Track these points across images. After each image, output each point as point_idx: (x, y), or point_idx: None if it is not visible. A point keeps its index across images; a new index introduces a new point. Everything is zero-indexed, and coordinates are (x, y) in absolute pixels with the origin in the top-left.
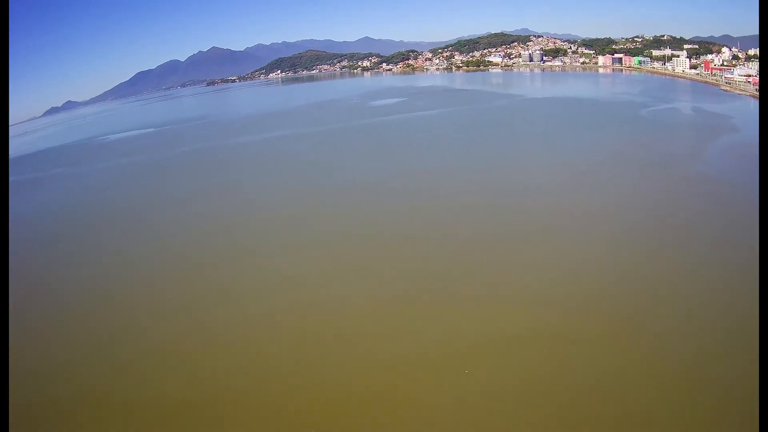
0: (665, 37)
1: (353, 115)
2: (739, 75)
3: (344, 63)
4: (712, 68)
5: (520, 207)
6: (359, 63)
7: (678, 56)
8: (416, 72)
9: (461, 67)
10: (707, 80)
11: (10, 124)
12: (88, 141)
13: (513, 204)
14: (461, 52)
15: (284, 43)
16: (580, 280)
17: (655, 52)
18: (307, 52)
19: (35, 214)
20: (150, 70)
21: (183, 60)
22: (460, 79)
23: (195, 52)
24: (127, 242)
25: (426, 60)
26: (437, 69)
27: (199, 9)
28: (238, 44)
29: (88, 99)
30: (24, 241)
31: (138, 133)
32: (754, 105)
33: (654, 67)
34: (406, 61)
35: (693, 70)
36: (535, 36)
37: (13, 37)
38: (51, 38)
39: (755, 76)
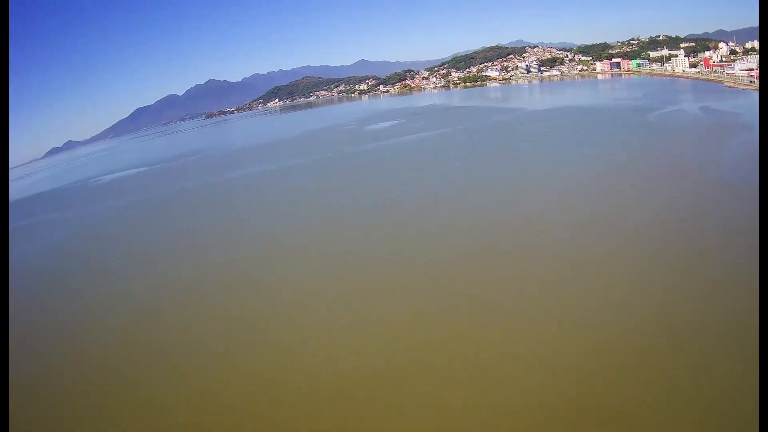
0: (661, 38)
1: (349, 142)
2: (741, 70)
3: (341, 87)
4: (712, 65)
5: (531, 234)
6: (356, 87)
7: (676, 56)
8: (414, 92)
9: (458, 83)
10: (709, 78)
11: (13, 166)
12: (83, 182)
13: (522, 229)
14: (458, 69)
15: (280, 71)
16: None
17: (653, 54)
18: (303, 79)
19: (25, 262)
20: (149, 106)
21: (181, 94)
22: (458, 96)
23: (192, 86)
24: (120, 282)
25: (423, 79)
26: (435, 87)
27: (195, 43)
28: (234, 75)
29: (88, 138)
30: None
31: (133, 173)
32: None
33: (653, 69)
34: (403, 82)
35: (693, 69)
36: (530, 47)
37: (12, 80)
38: (50, 79)
39: (756, 69)
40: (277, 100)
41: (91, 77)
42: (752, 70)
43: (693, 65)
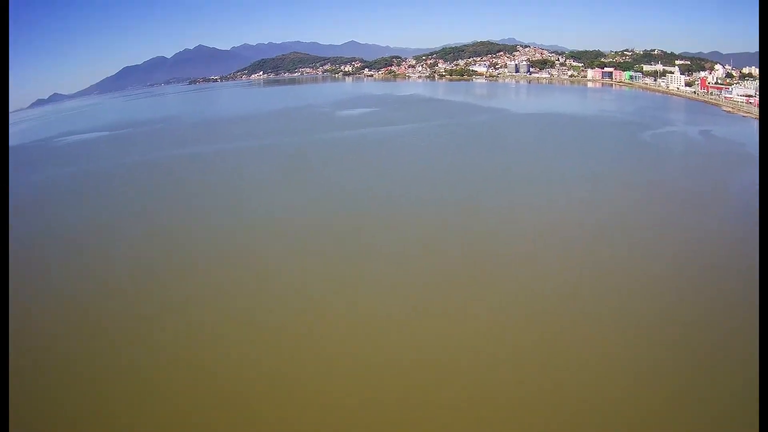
0: (656, 52)
1: (317, 127)
2: (738, 95)
3: (327, 67)
4: (709, 86)
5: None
6: (341, 67)
7: (672, 72)
8: (398, 79)
9: (444, 75)
10: (706, 100)
11: None
12: (46, 141)
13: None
14: (445, 60)
15: (270, 43)
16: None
17: (646, 67)
18: (290, 54)
19: None
20: (136, 66)
21: (169, 57)
22: (441, 89)
23: (181, 50)
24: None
25: (409, 67)
26: (419, 77)
27: (187, 6)
28: (224, 43)
29: (74, 92)
30: None
31: (97, 136)
32: None
33: (646, 83)
34: (389, 68)
35: (688, 88)
36: (522, 46)
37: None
38: (39, 29)
39: (755, 96)
40: (261, 72)
41: (81, 31)
42: (751, 96)
43: (688, 84)
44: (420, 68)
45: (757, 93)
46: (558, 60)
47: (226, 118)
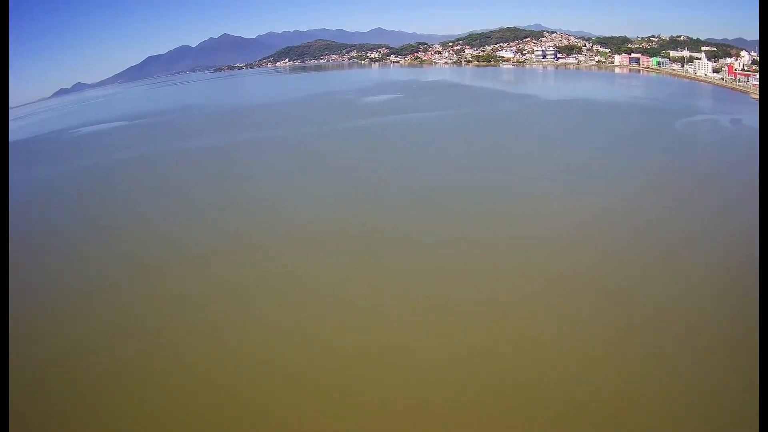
0: (682, 38)
1: (338, 115)
2: None
3: (353, 53)
4: (736, 73)
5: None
6: (367, 54)
7: (699, 58)
8: (424, 65)
9: (471, 61)
10: (734, 86)
11: (19, 104)
12: (62, 133)
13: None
14: (472, 46)
15: (296, 31)
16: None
17: (673, 53)
18: (316, 41)
19: None
20: (160, 55)
21: (194, 46)
22: (468, 75)
23: (206, 39)
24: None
25: (435, 53)
26: (446, 63)
27: None
28: (249, 32)
29: (97, 81)
30: None
31: (112, 126)
32: None
33: (673, 69)
34: (415, 54)
35: (715, 74)
36: (548, 32)
37: (25, 17)
38: (63, 19)
39: None
40: (287, 59)
41: (105, 20)
42: None
43: (715, 70)
44: (446, 54)
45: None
46: (585, 46)
47: (247, 106)
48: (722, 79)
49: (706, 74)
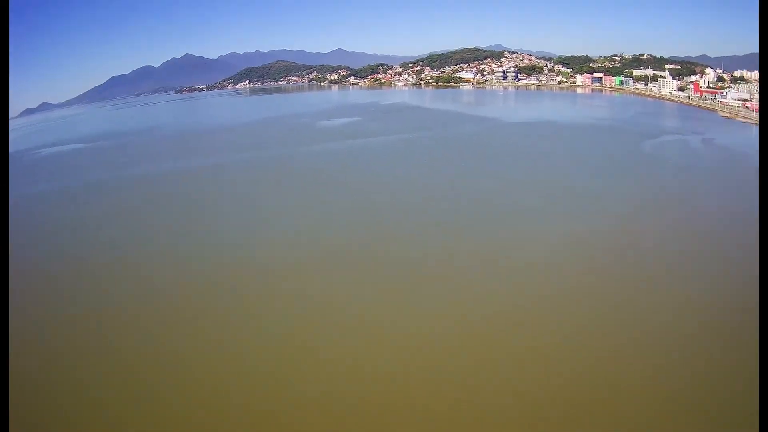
0: (645, 56)
1: (294, 139)
2: (734, 99)
3: (313, 75)
4: (702, 90)
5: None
6: (327, 76)
7: (663, 77)
8: (384, 87)
9: (431, 83)
10: (701, 104)
11: None
12: (21, 155)
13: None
14: (432, 67)
15: (258, 52)
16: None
17: (636, 72)
18: (276, 62)
19: None
20: (124, 75)
21: (157, 66)
22: (427, 97)
23: (169, 59)
24: None
25: (395, 74)
26: (405, 84)
27: (174, 15)
28: (211, 52)
29: (62, 101)
30: None
31: (73, 148)
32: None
33: (637, 88)
34: (375, 76)
35: (681, 93)
36: (509, 52)
37: None
38: (28, 39)
39: (751, 100)
40: (248, 81)
41: (70, 40)
42: (747, 100)
43: (681, 88)
44: (406, 76)
45: (753, 95)
46: (546, 66)
47: (205, 128)
48: (688, 97)
49: (671, 92)
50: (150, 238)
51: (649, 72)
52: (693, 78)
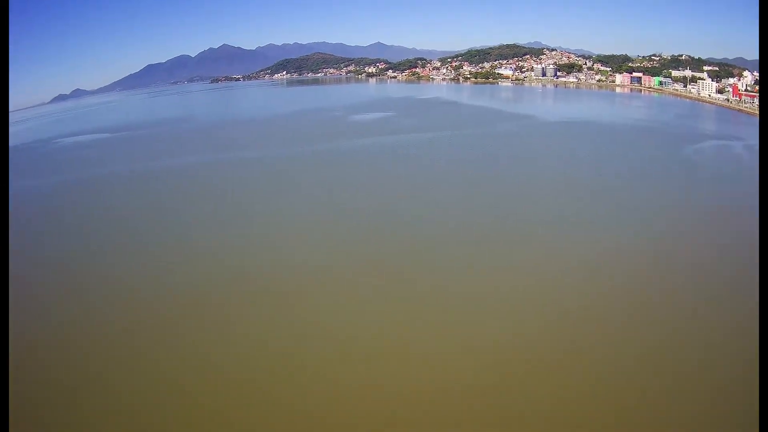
0: (683, 57)
1: (322, 135)
2: None
3: (351, 68)
4: (741, 94)
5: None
6: (365, 68)
7: (702, 78)
8: (421, 81)
9: (469, 78)
10: (741, 108)
11: (17, 109)
12: (45, 143)
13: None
14: (471, 63)
15: (296, 44)
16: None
17: (674, 73)
18: (314, 54)
19: None
20: (160, 64)
21: (193, 56)
22: (465, 92)
23: (206, 49)
24: None
25: (433, 69)
26: (444, 79)
27: (213, 5)
28: (249, 43)
29: (96, 88)
30: None
31: (94, 138)
32: None
33: (676, 89)
34: (413, 69)
35: (720, 95)
36: (548, 49)
37: (25, 22)
38: (63, 25)
39: None
40: (284, 72)
41: (106, 27)
42: None
43: (719, 91)
44: (444, 70)
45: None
46: (585, 64)
47: (233, 120)
48: (727, 100)
49: (710, 95)
50: (148, 240)
51: (688, 73)
52: (731, 80)
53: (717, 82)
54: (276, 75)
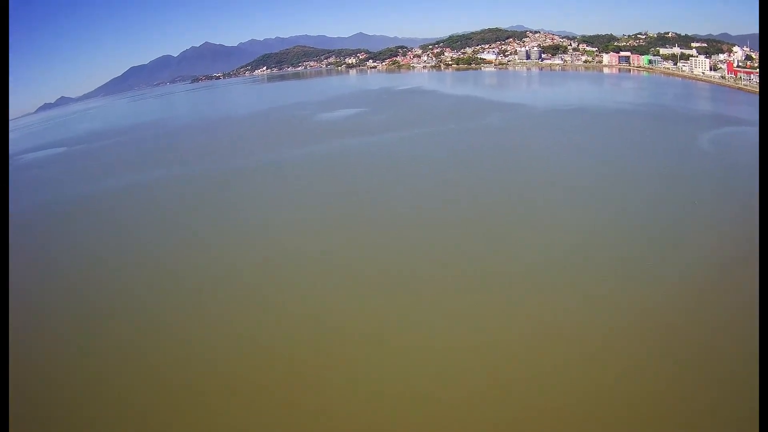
0: (670, 35)
1: (280, 139)
2: None
3: (331, 59)
4: (736, 71)
5: None
6: (345, 60)
7: (692, 55)
8: (402, 70)
9: (450, 64)
10: (741, 86)
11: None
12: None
13: None
14: (453, 49)
15: (277, 38)
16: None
17: (662, 51)
18: (294, 47)
19: None
20: (143, 66)
21: (176, 55)
22: (447, 80)
23: (187, 48)
24: None
25: (414, 57)
26: (424, 67)
27: (193, 3)
28: (231, 39)
29: (81, 95)
30: None
31: (50, 154)
32: None
33: (667, 68)
34: (393, 58)
35: (714, 72)
36: (531, 32)
37: (9, 33)
38: (45, 33)
39: None
40: (265, 67)
41: (87, 33)
42: None
43: (712, 68)
44: (426, 58)
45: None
46: (570, 45)
47: (198, 124)
48: (722, 77)
49: (704, 72)
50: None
51: (677, 51)
52: (721, 57)
53: (708, 59)
54: (256, 71)
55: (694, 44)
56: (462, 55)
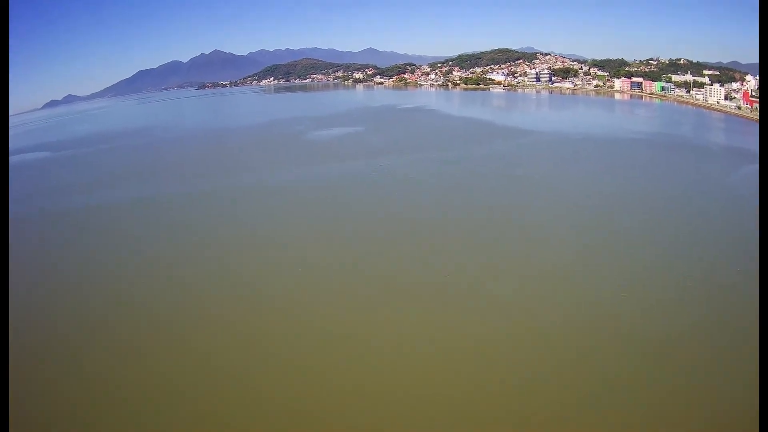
0: (682, 61)
1: (262, 161)
2: None
3: (339, 74)
4: (752, 101)
5: None
6: (353, 74)
7: (705, 83)
8: (409, 87)
9: (459, 84)
10: (757, 118)
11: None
12: None
13: None
14: (462, 68)
15: (287, 49)
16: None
17: (675, 77)
18: (303, 60)
19: None
20: (151, 69)
21: (185, 61)
22: (454, 100)
23: (197, 54)
24: None
25: (422, 74)
26: (432, 85)
27: (205, 11)
28: (241, 48)
29: (88, 94)
30: None
31: (37, 157)
32: None
33: (681, 96)
34: (401, 75)
35: (730, 102)
36: (542, 54)
37: (18, 27)
38: (56, 30)
39: None
40: (272, 78)
41: (98, 33)
42: None
43: (727, 97)
44: (434, 76)
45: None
46: (581, 68)
47: (189, 134)
48: (738, 107)
49: (719, 102)
50: None
51: (689, 78)
52: (734, 85)
53: (722, 87)
54: (263, 81)
55: (706, 72)
56: (471, 75)
